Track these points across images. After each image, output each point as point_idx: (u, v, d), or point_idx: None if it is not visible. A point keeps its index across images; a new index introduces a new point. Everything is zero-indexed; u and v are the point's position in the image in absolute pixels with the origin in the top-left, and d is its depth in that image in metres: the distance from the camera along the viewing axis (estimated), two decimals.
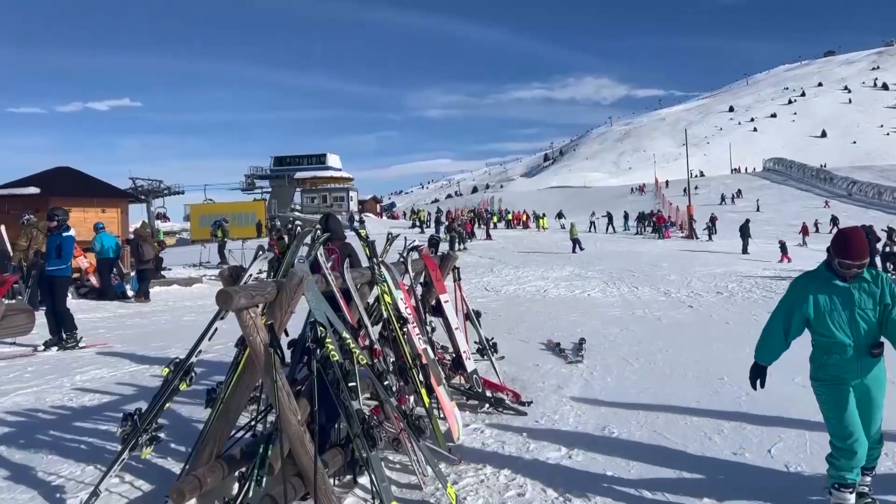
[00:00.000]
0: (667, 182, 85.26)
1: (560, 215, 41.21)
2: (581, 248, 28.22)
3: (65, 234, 9.26)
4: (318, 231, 4.88)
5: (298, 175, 69.16)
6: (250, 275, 3.98)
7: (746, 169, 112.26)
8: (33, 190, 18.98)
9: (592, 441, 4.83)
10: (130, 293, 16.06)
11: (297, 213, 58.28)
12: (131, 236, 21.51)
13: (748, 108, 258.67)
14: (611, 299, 13.76)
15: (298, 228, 4.63)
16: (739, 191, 68.60)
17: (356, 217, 50.88)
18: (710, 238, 36.47)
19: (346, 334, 4.16)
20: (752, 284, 15.82)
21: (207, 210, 54.30)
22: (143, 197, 47.25)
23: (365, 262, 5.29)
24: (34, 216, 14.07)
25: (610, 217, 46.90)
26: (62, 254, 9.09)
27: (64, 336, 8.81)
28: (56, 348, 8.57)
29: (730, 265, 21.72)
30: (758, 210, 54.23)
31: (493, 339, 7.22)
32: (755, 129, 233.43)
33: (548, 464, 4.39)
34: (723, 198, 65.37)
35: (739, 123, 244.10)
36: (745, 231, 28.77)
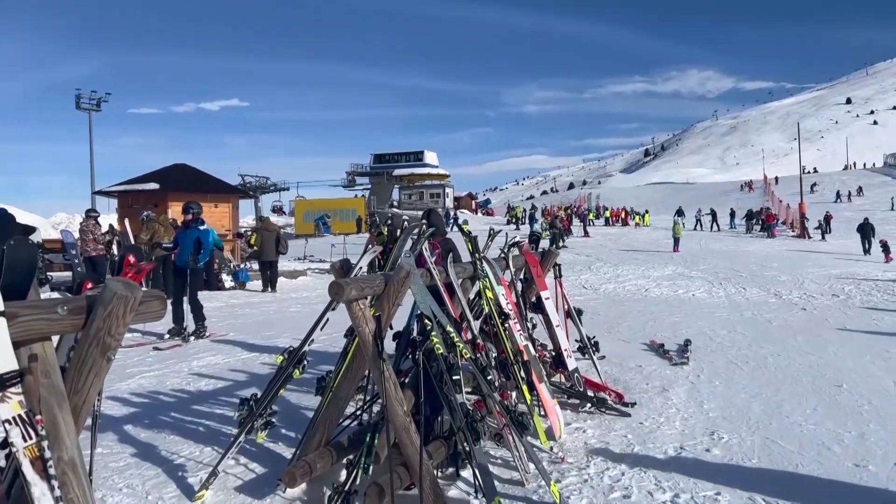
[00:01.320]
0: (776, 178, 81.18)
1: (679, 212, 39.51)
2: (677, 250, 27.22)
3: (201, 228, 9.86)
4: (424, 226, 4.95)
5: (397, 172, 70.39)
6: (360, 267, 4.08)
7: (865, 164, 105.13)
8: (153, 186, 20.19)
9: (701, 446, 4.66)
10: (231, 283, 16.85)
11: (394, 210, 59.31)
12: (241, 230, 22.51)
13: (868, 99, 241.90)
14: (717, 300, 13.24)
15: (405, 223, 4.69)
16: (860, 188, 64.36)
17: (452, 213, 51.25)
18: (824, 237, 34.43)
19: (449, 328, 4.20)
20: (872, 287, 14.82)
21: (311, 206, 56.16)
22: (251, 193, 49.39)
23: (464, 258, 5.33)
24: (153, 212, 15.01)
25: (713, 214, 45.13)
26: (201, 247, 9.66)
27: (195, 326, 9.37)
28: (194, 337, 9.11)
29: (846, 266, 20.44)
30: (893, 209, 50.24)
31: (594, 337, 7.11)
32: (875, 122, 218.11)
33: (654, 467, 4.27)
34: (838, 195, 61.50)
35: (857, 116, 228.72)
36: (865, 230, 26.93)
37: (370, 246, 4.37)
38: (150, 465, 4.26)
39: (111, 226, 16.97)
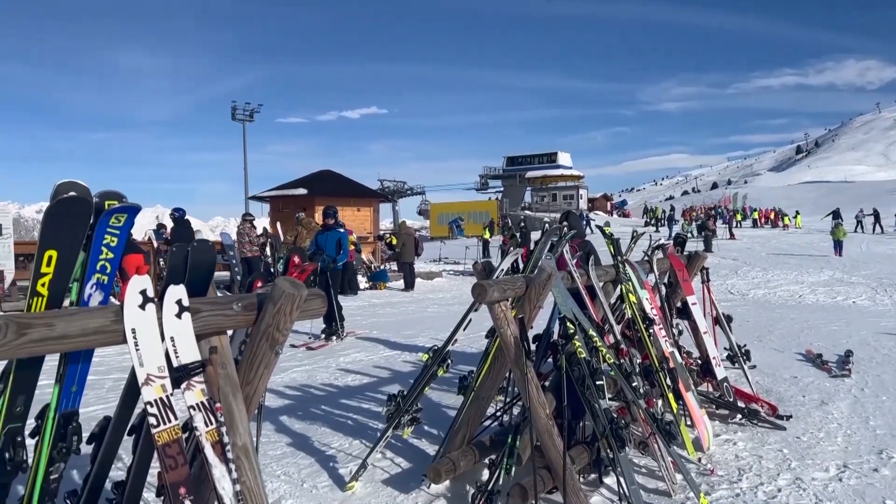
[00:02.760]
0: None
1: (836, 215, 36.52)
2: (839, 254, 25.11)
3: (342, 230, 10.37)
4: (565, 228, 4.91)
5: (529, 174, 70.09)
6: (501, 269, 4.12)
7: None
8: (301, 191, 21.37)
9: (867, 465, 4.30)
10: (365, 284, 17.52)
11: (526, 212, 59.10)
12: (381, 233, 23.30)
13: None
14: (882, 308, 12.15)
15: (549, 226, 4.67)
16: None
17: (585, 215, 50.37)
18: None
19: (592, 332, 4.14)
20: None
21: (445, 209, 57.16)
22: (390, 197, 51.02)
23: (604, 261, 5.23)
24: (304, 214, 15.95)
25: (876, 215, 41.34)
26: (342, 249, 10.16)
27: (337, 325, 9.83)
28: (336, 337, 9.57)
29: None
30: None
31: (744, 345, 6.74)
32: None
33: (814, 485, 3.99)
34: None
35: None
36: None
37: (511, 249, 4.39)
38: (304, 454, 4.52)
39: (265, 228, 18.12)
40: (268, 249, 15.69)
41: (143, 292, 2.05)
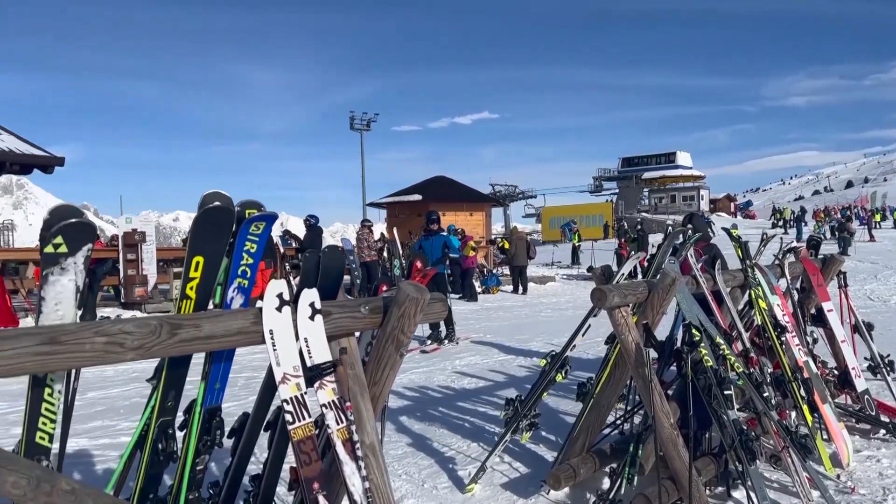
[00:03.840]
0: None
1: None
2: None
3: (445, 233, 10.53)
4: (689, 231, 4.74)
5: (646, 175, 68.08)
6: (622, 274, 4.03)
7: None
8: (416, 197, 21.80)
9: None
10: (478, 288, 17.63)
11: (643, 214, 57.42)
12: (493, 237, 23.34)
13: None
14: None
15: (672, 229, 4.54)
16: None
17: (706, 217, 48.21)
18: None
19: (719, 339, 3.98)
20: None
21: (558, 212, 56.53)
22: (502, 201, 51.08)
23: (731, 265, 5.00)
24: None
25: None
26: (449, 251, 10.32)
27: (446, 330, 9.93)
28: (448, 341, 9.66)
29: None
30: None
31: (887, 356, 6.24)
32: None
33: None
34: None
35: None
36: None
37: (633, 253, 4.28)
38: (424, 455, 4.60)
39: (382, 234, 18.63)
40: (385, 254, 16.11)
41: (280, 296, 2.17)
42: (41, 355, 1.69)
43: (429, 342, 9.64)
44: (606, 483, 3.86)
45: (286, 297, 2.19)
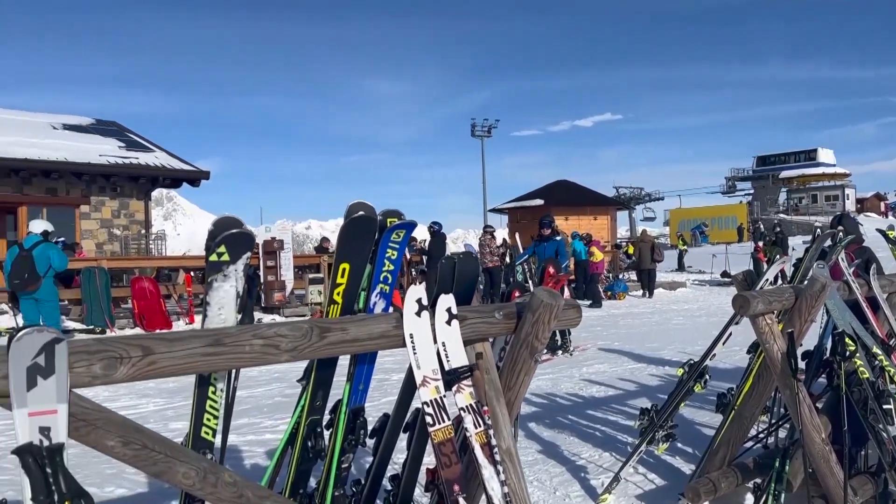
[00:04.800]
0: None
1: None
2: None
3: (557, 238, 10.41)
4: (840, 233, 4.44)
5: (784, 174, 64.16)
6: (767, 279, 3.83)
7: None
8: (538, 202, 21.71)
9: None
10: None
11: (781, 216, 54.12)
12: (618, 241, 22.86)
13: None
14: None
15: (820, 232, 4.27)
16: None
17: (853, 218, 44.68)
18: None
19: (876, 349, 3.70)
20: None
21: (687, 214, 54.44)
22: (626, 204, 49.80)
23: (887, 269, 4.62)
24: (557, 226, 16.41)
25: None
26: (559, 257, 10.21)
27: (560, 340, 9.72)
28: (561, 352, 9.45)
29: None
30: None
31: None
32: None
33: None
34: None
35: None
36: None
37: (777, 257, 4.06)
38: (554, 462, 4.57)
39: (504, 239, 18.70)
40: (507, 259, 16.14)
41: (419, 301, 2.23)
42: (208, 356, 1.83)
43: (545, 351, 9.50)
44: (749, 499, 3.68)
45: (424, 302, 2.25)
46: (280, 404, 6.30)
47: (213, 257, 1.94)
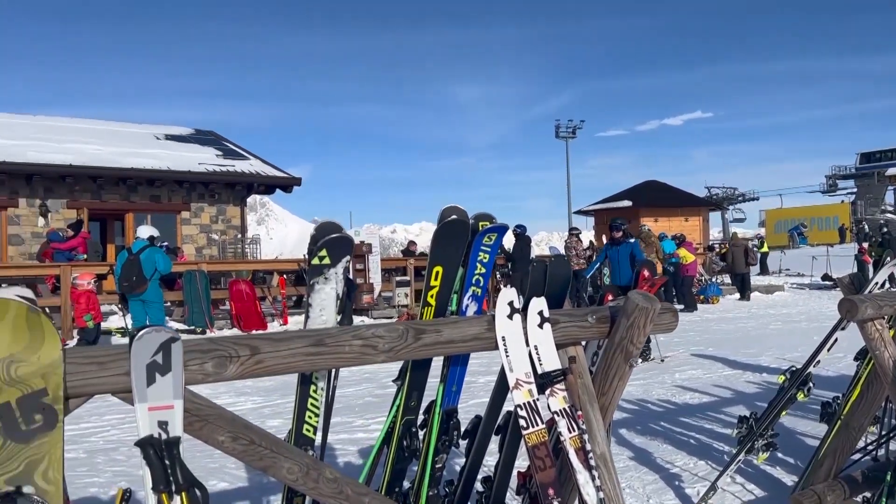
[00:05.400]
0: None
1: None
2: None
3: (631, 241, 10.14)
4: None
5: (890, 171, 60.28)
6: (876, 283, 3.62)
7: None
8: (626, 203, 21.27)
9: None
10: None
11: (888, 215, 50.88)
12: (710, 243, 22.11)
13: None
14: None
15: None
16: None
17: None
18: None
19: None
20: None
21: (784, 215, 52.07)
22: (719, 205, 48.11)
23: None
24: (648, 227, 16.03)
25: None
26: (636, 261, 9.97)
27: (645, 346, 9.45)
28: (641, 360, 9.13)
29: None
30: None
31: None
32: None
33: None
34: None
35: None
36: None
37: (889, 259, 3.83)
38: (647, 469, 4.47)
39: (591, 242, 18.44)
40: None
41: (511, 303, 2.24)
42: (310, 355, 1.90)
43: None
44: None
45: (517, 304, 2.26)
46: (370, 404, 6.44)
47: (316, 261, 2.01)
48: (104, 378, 1.64)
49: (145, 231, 10.33)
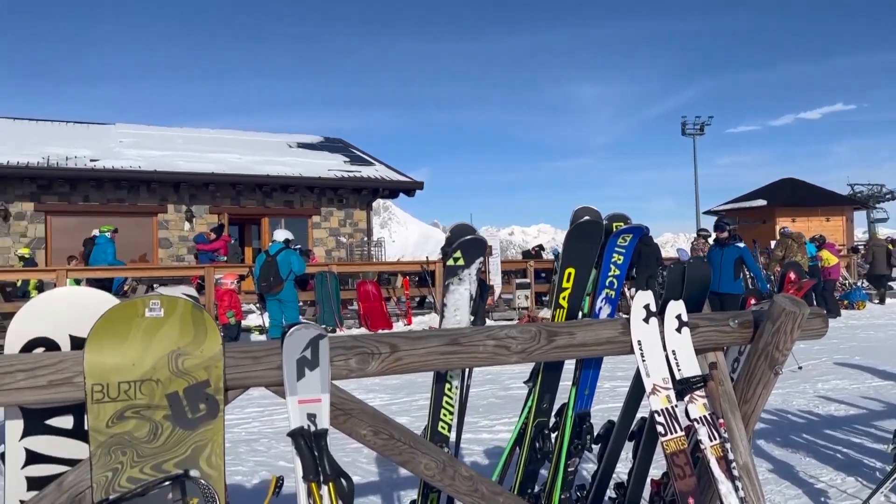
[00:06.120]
0: None
1: None
2: None
3: (740, 245, 9.55)
4: None
5: None
6: None
7: None
8: (760, 202, 20.13)
9: None
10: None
11: None
12: (854, 245, 20.57)
13: None
14: None
15: None
16: None
17: None
18: None
19: None
20: None
21: None
22: (864, 203, 44.56)
23: None
24: (791, 228, 15.24)
25: None
26: (744, 266, 9.42)
27: None
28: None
29: None
30: None
31: None
32: None
33: None
34: None
35: None
36: None
37: None
38: (788, 483, 4.21)
39: None
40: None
41: (647, 307, 2.19)
42: (446, 354, 1.95)
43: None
44: None
45: (653, 308, 2.20)
46: (493, 405, 6.47)
47: (450, 262, 2.05)
48: (259, 371, 1.75)
49: (281, 234, 10.88)
